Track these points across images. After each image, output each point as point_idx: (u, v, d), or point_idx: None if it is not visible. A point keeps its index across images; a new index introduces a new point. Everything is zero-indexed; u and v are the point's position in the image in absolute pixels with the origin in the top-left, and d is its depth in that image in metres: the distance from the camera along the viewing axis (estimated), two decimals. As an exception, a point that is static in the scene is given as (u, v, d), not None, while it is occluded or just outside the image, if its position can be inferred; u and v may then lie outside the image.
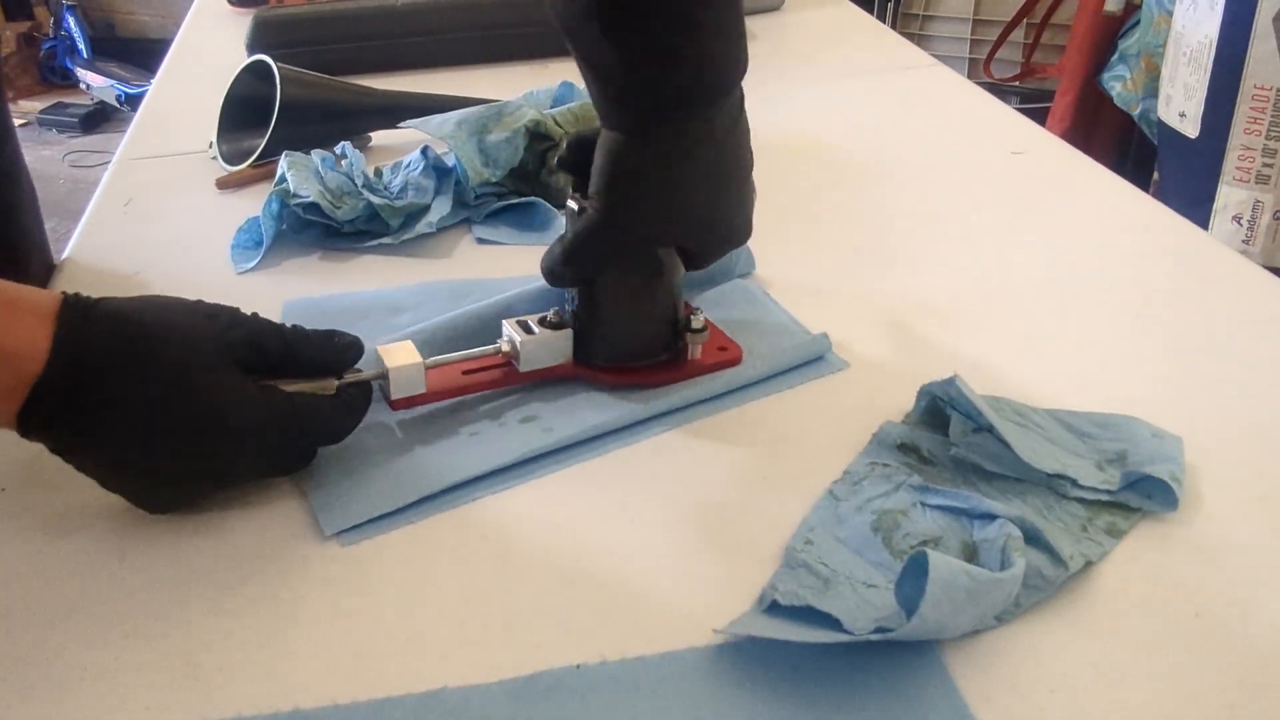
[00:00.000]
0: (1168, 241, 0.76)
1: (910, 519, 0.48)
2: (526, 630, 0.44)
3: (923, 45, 2.53)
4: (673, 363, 0.60)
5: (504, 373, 0.58)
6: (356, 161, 0.80)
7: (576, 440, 0.55)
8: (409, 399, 0.55)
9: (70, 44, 3.69)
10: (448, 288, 0.70)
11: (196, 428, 0.48)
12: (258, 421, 0.49)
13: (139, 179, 0.90)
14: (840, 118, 1.00)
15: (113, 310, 0.48)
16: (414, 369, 0.55)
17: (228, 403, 0.48)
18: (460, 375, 0.58)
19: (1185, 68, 1.67)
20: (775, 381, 0.60)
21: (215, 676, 0.43)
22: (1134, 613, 0.45)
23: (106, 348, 0.46)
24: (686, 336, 0.60)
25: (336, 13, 1.13)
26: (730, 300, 0.68)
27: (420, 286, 0.71)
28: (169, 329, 0.48)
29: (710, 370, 0.60)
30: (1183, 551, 0.48)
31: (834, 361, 0.62)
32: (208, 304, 0.51)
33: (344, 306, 0.69)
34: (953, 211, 0.81)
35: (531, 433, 0.56)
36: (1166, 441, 0.53)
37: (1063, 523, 0.48)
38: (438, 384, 0.56)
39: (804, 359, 0.61)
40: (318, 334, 0.53)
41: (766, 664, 0.42)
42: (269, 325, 0.52)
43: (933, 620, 0.40)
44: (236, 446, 0.49)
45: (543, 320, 0.58)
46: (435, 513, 0.51)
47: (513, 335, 0.58)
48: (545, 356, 0.58)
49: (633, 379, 0.59)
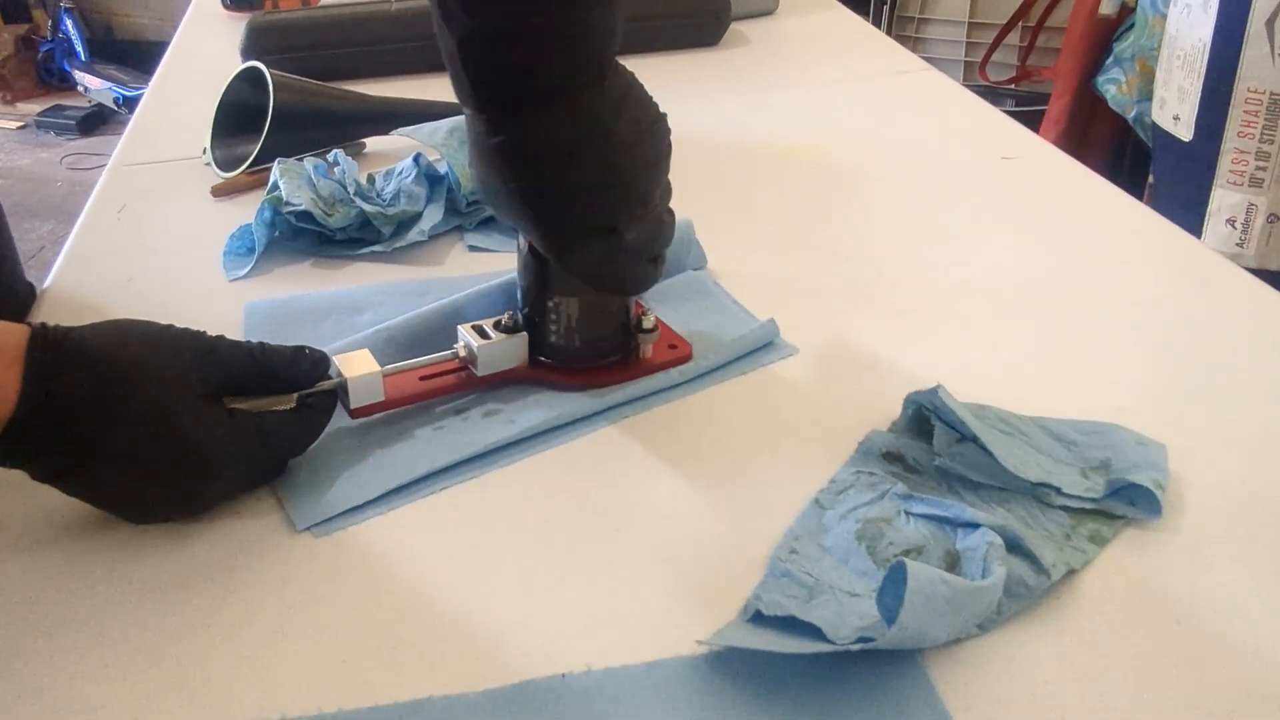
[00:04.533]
0: (1157, 248, 0.76)
1: (894, 528, 0.48)
2: (511, 639, 0.45)
3: (918, 48, 2.54)
4: (625, 362, 0.61)
5: (460, 377, 0.59)
6: (349, 169, 0.80)
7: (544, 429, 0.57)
8: (368, 407, 0.56)
9: (68, 46, 3.69)
10: (408, 287, 0.71)
11: (172, 465, 0.48)
12: (233, 453, 0.50)
13: (133, 185, 0.90)
14: (831, 122, 1.00)
15: (82, 346, 0.47)
16: (372, 378, 0.55)
17: (204, 440, 0.48)
18: (418, 381, 0.59)
19: (1179, 71, 1.67)
20: (730, 369, 0.62)
21: (202, 685, 0.43)
22: (1116, 620, 0.45)
23: (77, 386, 0.46)
24: (638, 336, 0.61)
25: (331, 18, 1.13)
26: (682, 294, 0.69)
27: (381, 286, 0.72)
28: (139, 364, 0.48)
29: (661, 369, 0.61)
30: (1166, 559, 0.48)
31: (783, 347, 0.64)
32: (175, 331, 0.51)
33: (305, 307, 0.69)
34: (942, 216, 0.81)
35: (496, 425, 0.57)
36: (1151, 449, 0.53)
37: (1046, 531, 0.48)
38: (396, 391, 0.57)
39: (753, 347, 0.63)
40: (286, 352, 0.53)
41: (751, 673, 0.42)
42: (239, 350, 0.52)
43: (913, 629, 0.41)
44: (213, 478, 0.50)
45: (497, 324, 0.59)
46: (417, 514, 0.51)
47: (469, 340, 0.59)
48: (501, 360, 0.59)
49: (586, 379, 0.60)
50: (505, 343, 0.59)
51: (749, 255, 0.75)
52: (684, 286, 0.70)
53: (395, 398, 0.57)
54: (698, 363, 0.62)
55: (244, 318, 0.69)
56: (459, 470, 0.55)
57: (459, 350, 0.59)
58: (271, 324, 0.68)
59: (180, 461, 0.48)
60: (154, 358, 0.49)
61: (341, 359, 0.56)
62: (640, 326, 0.61)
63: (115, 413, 0.47)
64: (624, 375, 0.60)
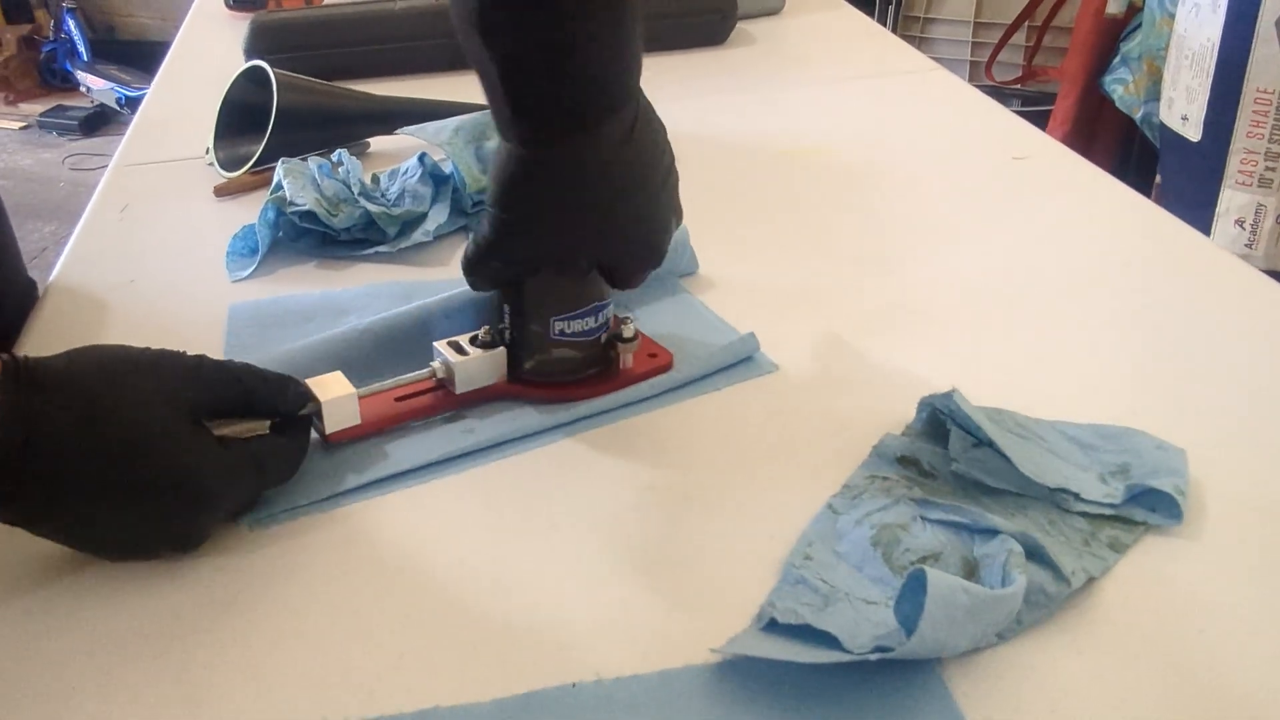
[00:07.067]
0: (1170, 248, 0.75)
1: (910, 534, 0.47)
2: (520, 647, 0.44)
3: (924, 48, 2.53)
4: (606, 374, 0.60)
5: (437, 397, 0.58)
6: (353, 169, 0.80)
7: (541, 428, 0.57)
8: (343, 432, 0.54)
9: (70, 47, 3.69)
10: (395, 289, 0.70)
11: (168, 498, 0.46)
12: (229, 483, 0.48)
13: (135, 185, 0.89)
14: (838, 121, 0.99)
15: (60, 377, 0.44)
16: (347, 400, 0.54)
17: (200, 471, 0.46)
18: (394, 402, 0.57)
19: (1187, 71, 1.67)
20: (712, 380, 0.61)
21: (206, 695, 0.42)
22: (1137, 629, 0.44)
23: (56, 421, 0.43)
24: (618, 346, 0.60)
25: (334, 17, 1.13)
26: (663, 306, 0.68)
27: (367, 289, 0.71)
28: (124, 392, 0.46)
29: (642, 378, 0.60)
30: (1187, 566, 0.47)
31: (763, 363, 0.62)
32: (155, 354, 0.48)
33: (290, 309, 0.68)
34: (952, 216, 0.80)
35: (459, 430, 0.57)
36: (1170, 453, 0.52)
37: (1065, 537, 0.47)
38: (371, 413, 0.55)
39: (734, 359, 0.62)
40: (272, 378, 0.51)
41: (765, 683, 0.41)
42: (222, 373, 0.50)
43: (932, 638, 0.40)
44: (209, 511, 0.48)
45: (474, 340, 0.58)
46: (423, 520, 0.51)
47: (446, 357, 0.57)
48: (480, 376, 0.58)
49: (567, 394, 0.59)
50: (483, 359, 0.57)
51: (755, 255, 0.74)
52: (668, 299, 0.69)
53: (371, 420, 0.55)
54: (682, 370, 0.60)
55: (228, 318, 0.67)
56: (458, 465, 0.54)
57: (436, 369, 0.58)
58: (255, 326, 0.66)
59: (177, 495, 0.46)
60: (139, 384, 0.46)
61: (314, 382, 0.53)
62: (620, 336, 0.59)
63: (104, 446, 0.44)
64: (606, 388, 0.59)
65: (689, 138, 0.97)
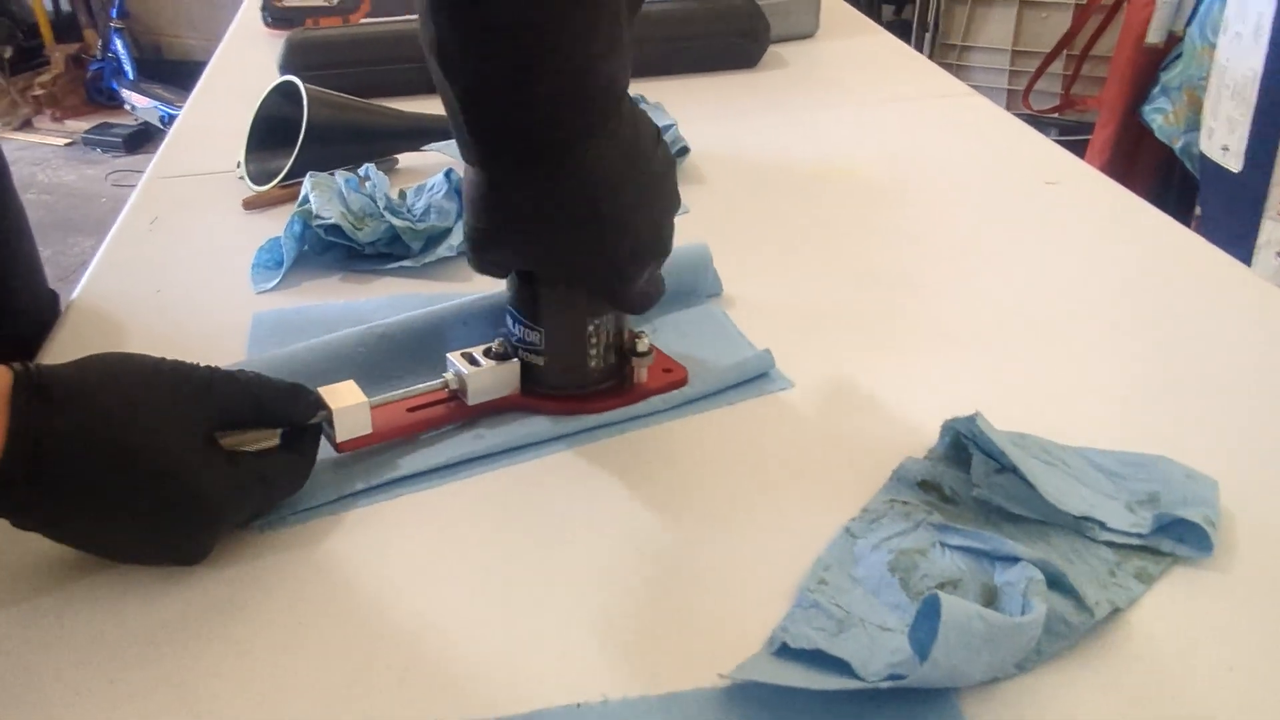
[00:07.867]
0: (1206, 276, 0.74)
1: (929, 559, 0.46)
2: (525, 666, 0.43)
3: (960, 76, 2.51)
4: (620, 388, 0.59)
5: (449, 408, 0.58)
6: (380, 183, 0.80)
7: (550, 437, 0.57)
8: (354, 441, 0.54)
9: (117, 66, 3.76)
10: (416, 302, 0.69)
11: (176, 513, 0.46)
12: (238, 499, 0.48)
13: (167, 197, 0.90)
14: (872, 144, 0.98)
15: (72, 390, 0.44)
16: (359, 409, 0.53)
17: (209, 487, 0.46)
18: (405, 413, 0.57)
19: (1229, 101, 1.64)
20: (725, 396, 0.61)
21: (209, 705, 0.42)
22: (1164, 664, 0.42)
23: (67, 435, 0.43)
24: (633, 360, 0.59)
25: (367, 35, 1.14)
26: (687, 317, 0.68)
27: (389, 300, 0.71)
28: (137, 405, 0.45)
29: (655, 393, 0.59)
30: (1216, 600, 0.46)
31: (780, 381, 0.61)
32: (169, 365, 0.48)
33: (312, 319, 0.68)
34: (981, 239, 0.79)
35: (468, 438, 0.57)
36: (1200, 483, 0.50)
37: (1089, 567, 0.46)
38: (383, 423, 0.55)
39: (748, 376, 0.61)
40: (283, 388, 0.51)
41: (775, 709, 0.40)
42: (234, 385, 0.49)
43: (947, 666, 0.38)
44: (216, 526, 0.48)
45: (488, 351, 0.58)
46: (429, 537, 0.50)
47: (459, 368, 0.57)
48: (493, 388, 0.57)
49: (580, 407, 0.58)
50: (497, 370, 0.57)
51: (783, 276, 0.73)
52: (693, 309, 0.69)
53: (382, 430, 0.55)
54: (696, 386, 0.60)
55: (250, 328, 0.68)
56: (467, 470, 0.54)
57: (449, 381, 0.57)
58: (278, 335, 0.67)
59: (185, 510, 0.46)
60: (150, 398, 0.46)
61: (326, 390, 0.53)
62: (635, 350, 0.59)
63: (113, 458, 0.44)
64: (619, 401, 0.59)
65: (719, 158, 0.97)
